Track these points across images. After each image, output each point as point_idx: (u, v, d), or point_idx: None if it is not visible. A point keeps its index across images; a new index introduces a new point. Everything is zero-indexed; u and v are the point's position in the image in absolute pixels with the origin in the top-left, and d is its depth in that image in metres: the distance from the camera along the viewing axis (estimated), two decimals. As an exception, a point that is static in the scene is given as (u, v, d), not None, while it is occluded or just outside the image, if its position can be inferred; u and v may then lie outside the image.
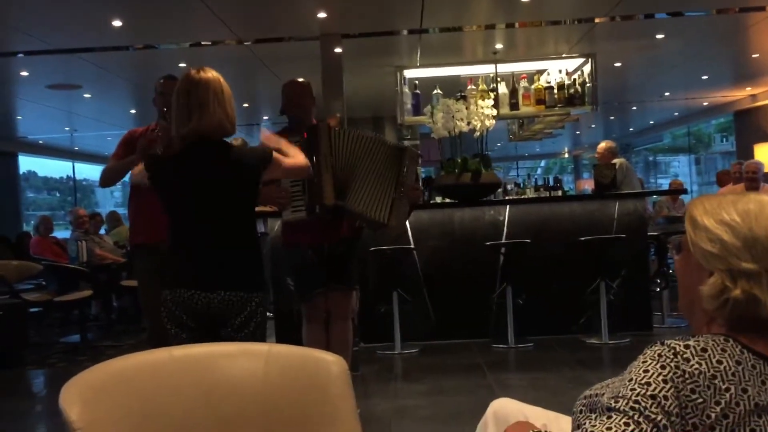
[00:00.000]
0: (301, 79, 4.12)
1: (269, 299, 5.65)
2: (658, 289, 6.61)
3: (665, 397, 1.14)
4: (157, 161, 2.78)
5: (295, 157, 2.89)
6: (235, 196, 2.71)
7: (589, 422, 1.17)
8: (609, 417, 1.16)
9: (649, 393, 1.15)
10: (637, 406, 1.14)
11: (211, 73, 2.71)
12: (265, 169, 2.72)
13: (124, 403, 1.64)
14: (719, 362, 1.18)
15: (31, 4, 6.31)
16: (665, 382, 1.15)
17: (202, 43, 7.73)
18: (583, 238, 5.74)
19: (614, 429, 1.13)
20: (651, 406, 1.13)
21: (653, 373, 1.17)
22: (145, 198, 3.80)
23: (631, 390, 1.16)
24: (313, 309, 4.04)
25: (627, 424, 1.13)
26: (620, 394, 1.17)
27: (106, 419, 1.58)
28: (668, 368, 1.17)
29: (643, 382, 1.16)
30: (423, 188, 6.70)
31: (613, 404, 1.17)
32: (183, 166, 2.69)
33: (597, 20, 7.55)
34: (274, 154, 2.75)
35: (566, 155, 25.14)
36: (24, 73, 8.79)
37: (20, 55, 7.87)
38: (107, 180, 3.97)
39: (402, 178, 3.80)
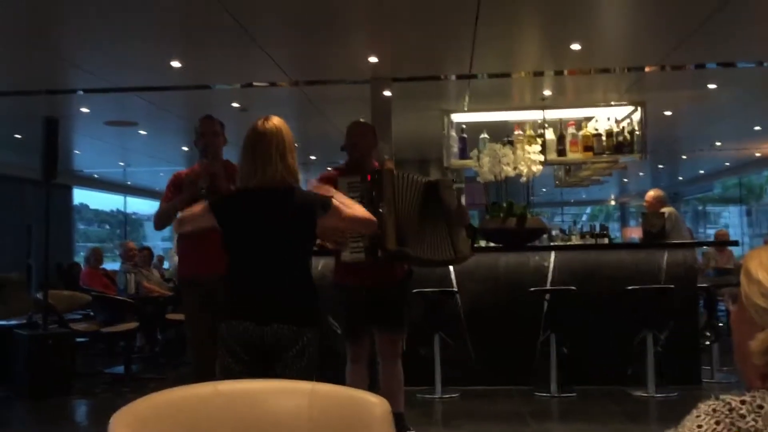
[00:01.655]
0: (362, 120, 4.25)
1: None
2: (708, 343, 6.43)
3: None
4: (223, 199, 2.93)
5: (353, 208, 2.98)
6: (294, 236, 2.82)
7: None
8: None
9: None
10: None
11: (274, 124, 2.84)
12: (324, 214, 2.81)
13: (170, 435, 1.67)
14: None
15: (95, 45, 6.59)
16: None
17: (255, 83, 7.93)
18: (630, 288, 5.65)
19: None
20: None
21: (707, 429, 1.15)
22: (194, 233, 3.91)
23: None
24: (359, 349, 4.06)
25: None
26: None
27: (153, 450, 1.60)
28: (723, 424, 1.15)
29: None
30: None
31: None
32: (247, 205, 2.83)
33: (647, 69, 7.53)
34: (334, 202, 2.86)
35: (613, 202, 24.85)
36: (84, 110, 9.12)
37: (80, 92, 8.19)
38: (161, 223, 4.14)
39: (447, 209, 3.85)
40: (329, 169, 4.17)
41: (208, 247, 3.66)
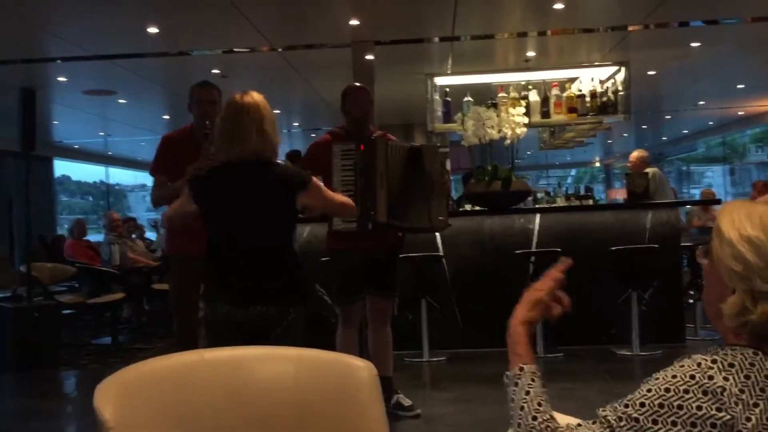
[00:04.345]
0: (359, 84, 4.25)
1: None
2: (692, 301, 6.51)
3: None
4: (200, 178, 2.85)
5: (339, 197, 2.94)
6: (274, 212, 2.76)
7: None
8: (593, 422, 1.21)
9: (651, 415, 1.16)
10: (615, 422, 1.17)
11: (253, 98, 2.75)
12: (302, 191, 2.75)
13: (156, 404, 1.66)
14: (747, 377, 1.15)
15: (70, 11, 6.44)
16: (680, 407, 1.15)
17: (235, 49, 7.81)
18: (614, 248, 5.68)
19: None
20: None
21: (673, 394, 1.16)
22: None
23: (627, 405, 1.19)
24: (351, 314, 4.10)
25: None
26: (618, 403, 1.20)
27: (138, 419, 1.60)
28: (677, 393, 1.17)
29: (656, 402, 1.16)
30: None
31: (600, 411, 1.21)
32: (225, 182, 2.76)
33: (630, 28, 7.48)
34: (313, 179, 2.80)
35: (597, 164, 24.93)
36: (62, 79, 8.95)
37: (58, 61, 8.03)
38: (160, 204, 4.08)
39: (429, 177, 3.84)
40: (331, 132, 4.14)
41: (193, 226, 3.65)
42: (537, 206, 6.99)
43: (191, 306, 3.89)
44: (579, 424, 1.23)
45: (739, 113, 14.73)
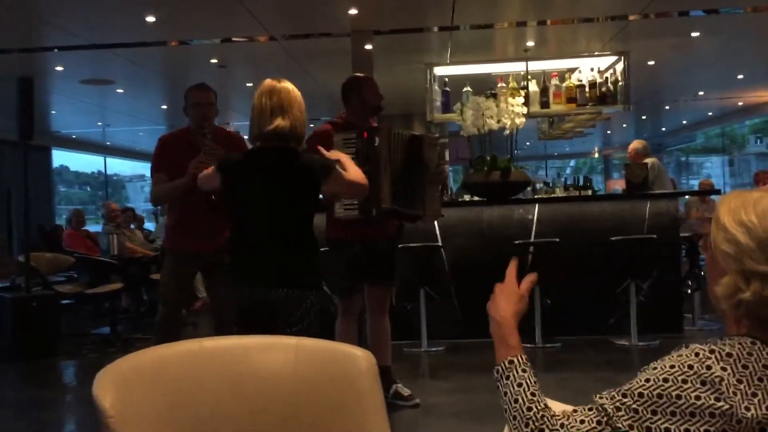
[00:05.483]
0: (360, 74, 4.26)
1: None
2: (690, 291, 6.52)
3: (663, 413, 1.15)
4: (229, 163, 2.94)
5: (354, 172, 2.99)
6: (298, 200, 2.85)
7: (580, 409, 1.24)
8: (590, 409, 1.21)
9: (650, 407, 1.16)
10: (613, 412, 1.18)
11: (288, 84, 2.91)
12: (326, 179, 2.84)
13: (155, 393, 1.66)
14: (745, 367, 1.15)
15: (67, 0, 6.40)
16: (679, 397, 1.15)
17: (234, 39, 7.78)
18: (613, 238, 5.68)
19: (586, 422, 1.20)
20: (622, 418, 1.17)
21: (672, 385, 1.16)
22: (182, 208, 3.90)
23: (625, 395, 1.19)
24: (351, 304, 4.11)
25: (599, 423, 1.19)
26: (615, 391, 1.21)
27: (138, 408, 1.60)
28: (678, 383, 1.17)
29: (654, 392, 1.16)
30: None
31: (597, 398, 1.22)
32: (252, 168, 2.87)
33: (631, 18, 7.45)
34: (336, 167, 2.88)
35: (596, 155, 24.90)
36: (59, 68, 8.92)
37: (55, 50, 7.99)
38: (160, 202, 4.09)
39: (426, 166, 3.85)
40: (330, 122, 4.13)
41: (203, 222, 3.70)
42: (536, 196, 6.98)
43: (179, 296, 4.04)
44: (575, 410, 1.23)
45: (739, 104, 14.71)
